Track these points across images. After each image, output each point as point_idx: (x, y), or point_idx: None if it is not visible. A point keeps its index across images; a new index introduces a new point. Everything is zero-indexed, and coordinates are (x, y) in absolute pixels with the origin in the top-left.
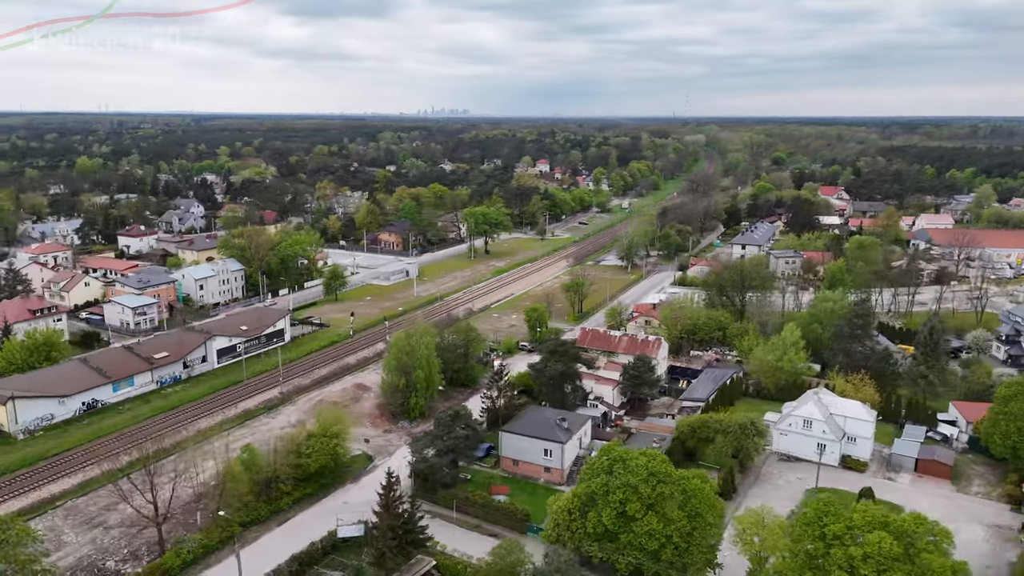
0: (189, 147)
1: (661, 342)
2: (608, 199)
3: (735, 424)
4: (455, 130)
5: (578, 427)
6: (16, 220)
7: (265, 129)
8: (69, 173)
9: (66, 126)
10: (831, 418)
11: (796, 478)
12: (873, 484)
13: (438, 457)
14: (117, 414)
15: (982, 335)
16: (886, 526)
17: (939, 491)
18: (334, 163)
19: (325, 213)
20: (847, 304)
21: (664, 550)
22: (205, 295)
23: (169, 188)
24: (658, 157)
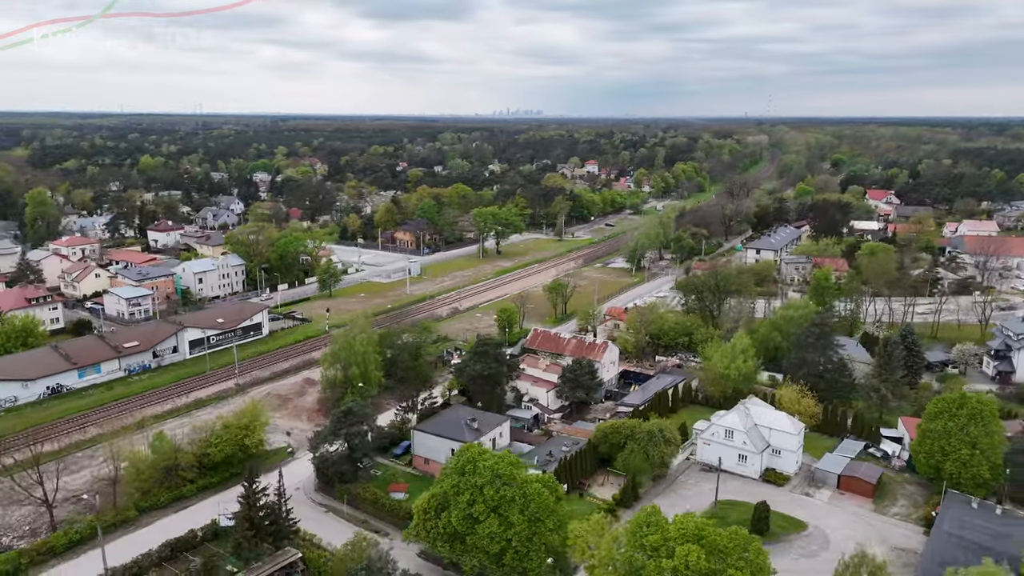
0: (252, 147)
1: (608, 346)
2: (645, 200)
3: (643, 431)
4: (517, 131)
5: (490, 428)
6: (59, 214)
7: (332, 129)
8: (130, 171)
9: (153, 126)
10: (754, 429)
11: (709, 488)
12: (787, 499)
13: (334, 452)
14: (79, 399)
15: (968, 349)
16: (700, 540)
17: (854, 509)
18: (381, 163)
19: (350, 211)
20: (810, 313)
21: (505, 554)
22: (204, 288)
23: (215, 186)
24: (709, 158)
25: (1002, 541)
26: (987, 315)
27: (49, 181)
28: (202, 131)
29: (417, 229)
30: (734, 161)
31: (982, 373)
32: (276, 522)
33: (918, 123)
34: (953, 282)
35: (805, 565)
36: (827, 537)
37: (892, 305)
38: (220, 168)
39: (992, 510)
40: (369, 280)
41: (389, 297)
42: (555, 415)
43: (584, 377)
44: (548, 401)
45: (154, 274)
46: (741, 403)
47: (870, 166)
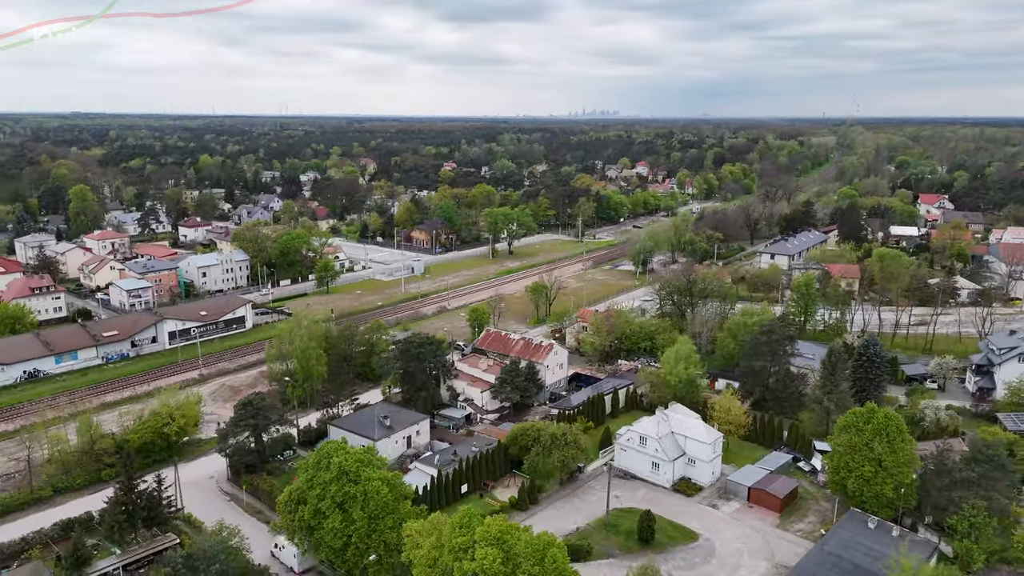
0: (311, 147)
1: (553, 348)
2: (684, 203)
3: (548, 434)
4: (579, 131)
5: (404, 426)
6: (100, 210)
7: (395, 130)
8: (187, 170)
9: (234, 127)
10: (668, 437)
11: (616, 495)
12: (691, 510)
13: (240, 443)
14: (52, 383)
15: (948, 363)
16: (501, 543)
17: (756, 523)
18: (428, 164)
19: (373, 211)
20: (767, 319)
21: (347, 549)
22: (208, 283)
23: (260, 184)
24: (763, 160)
25: (884, 563)
26: (988, 327)
27: (109, 178)
28: (273, 132)
29: (432, 228)
30: (792, 163)
31: (964, 389)
32: (153, 508)
33: (1014, 123)
34: (973, 292)
35: (693, 567)
36: (714, 550)
37: (883, 314)
38: (275, 167)
39: (889, 531)
40: (373, 278)
41: (384, 295)
42: (490, 415)
43: (519, 379)
44: (483, 401)
45: (158, 267)
46: (659, 410)
47: (936, 168)
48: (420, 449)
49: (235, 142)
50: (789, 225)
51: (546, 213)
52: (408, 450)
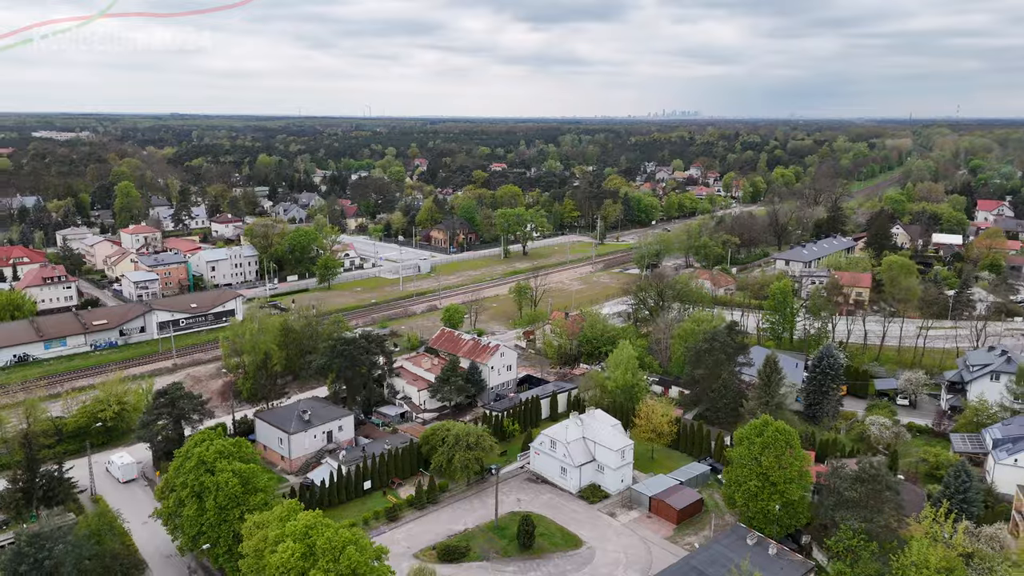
0: (368, 147)
1: (499, 349)
2: (725, 205)
3: (452, 434)
4: (642, 132)
5: (324, 421)
6: (143, 205)
7: (458, 131)
8: (247, 169)
9: (310, 128)
10: (578, 442)
11: (518, 499)
12: (586, 516)
13: (157, 429)
14: (39, 367)
15: (918, 378)
16: (306, 538)
17: (649, 533)
18: (472, 164)
19: (394, 210)
20: (717, 326)
21: (200, 538)
22: (217, 276)
23: (304, 183)
24: (823, 162)
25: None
26: (981, 343)
27: (168, 176)
28: (342, 133)
29: (450, 228)
30: (856, 166)
31: (938, 406)
32: (53, 488)
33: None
34: (991, 305)
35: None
36: (593, 558)
37: (868, 326)
38: (328, 167)
39: (766, 549)
40: (379, 275)
41: (383, 292)
42: (429, 414)
43: (457, 379)
44: (421, 400)
45: (168, 261)
46: (573, 415)
47: (1013, 173)
48: (340, 444)
49: (301, 143)
50: (821, 230)
51: (570, 214)
52: (328, 445)
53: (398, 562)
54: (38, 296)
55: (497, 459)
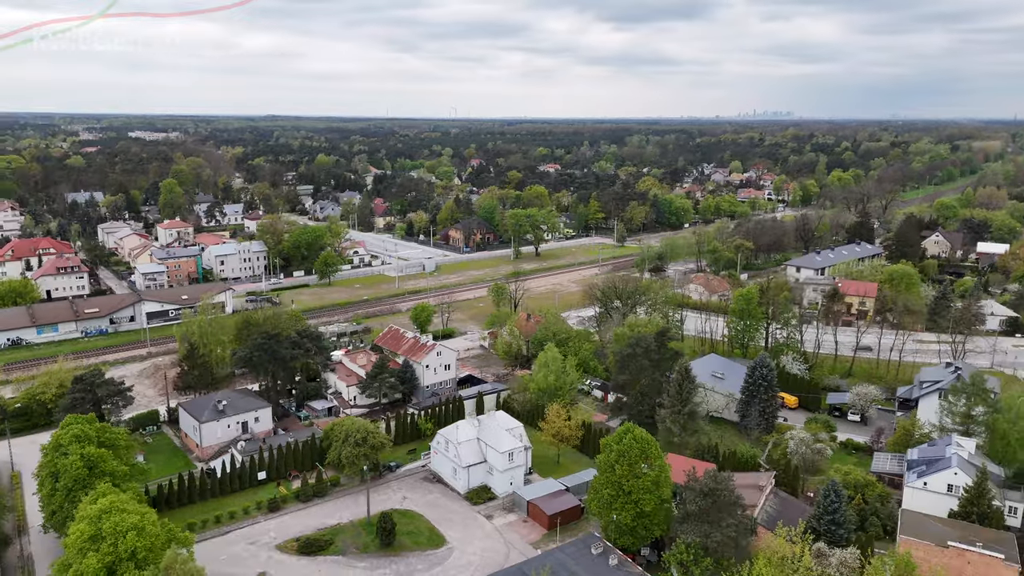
0: (429, 148)
1: (435, 347)
2: (770, 208)
3: (343, 431)
4: (719, 132)
5: (239, 412)
6: (185, 201)
7: (527, 132)
8: (303, 168)
9: (389, 129)
10: (470, 443)
11: (404, 497)
12: (461, 517)
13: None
14: (30, 351)
15: (869, 393)
16: (97, 521)
17: (516, 537)
18: (519, 165)
19: (417, 208)
20: (654, 331)
21: (54, 516)
22: (225, 270)
23: (350, 182)
24: (891, 165)
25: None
26: (959, 357)
27: (228, 173)
28: (414, 134)
29: (467, 228)
30: (930, 170)
31: (889, 423)
32: None
33: None
34: (1004, 320)
35: (403, 574)
36: (449, 558)
37: (840, 337)
38: (385, 167)
39: (607, 558)
40: (383, 273)
41: (379, 289)
42: (358, 410)
43: (383, 375)
44: (350, 395)
45: (179, 254)
46: (469, 416)
47: None
48: (255, 435)
49: (369, 143)
50: (851, 236)
51: (595, 216)
52: (243, 435)
53: (257, 552)
54: (52, 284)
55: (405, 457)
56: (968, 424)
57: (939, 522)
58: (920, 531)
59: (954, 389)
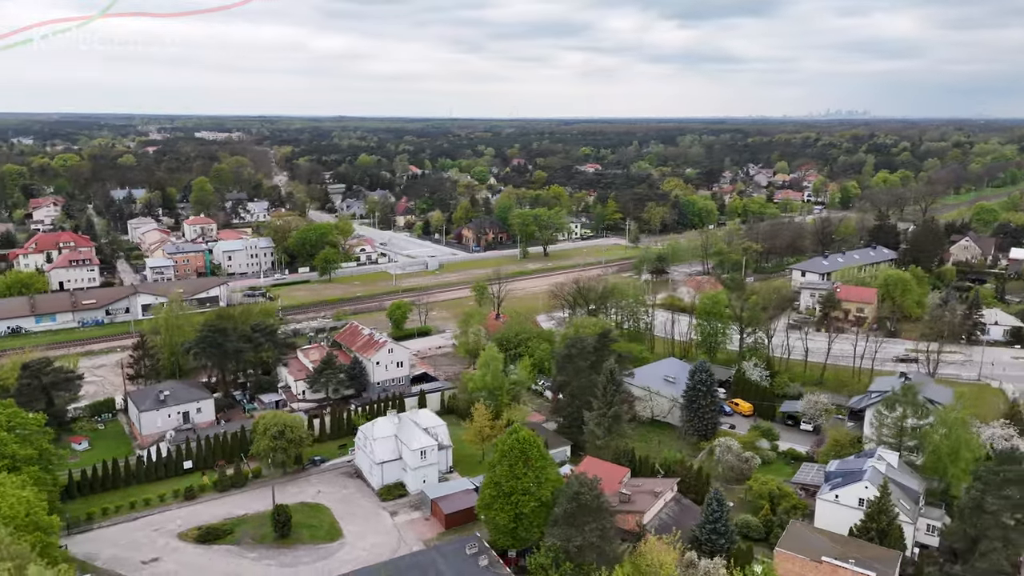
0: (473, 148)
1: (386, 344)
2: (806, 211)
3: (263, 425)
4: (776, 131)
5: (180, 402)
6: (215, 198)
7: (576, 132)
8: (344, 168)
9: (445, 129)
10: (386, 440)
11: (317, 491)
12: (366, 512)
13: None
14: (27, 339)
15: (820, 402)
16: None
17: (412, 535)
18: (557, 165)
19: (433, 207)
20: (599, 331)
21: None
22: (233, 265)
23: (379, 181)
24: (944, 167)
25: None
26: (933, 369)
27: (270, 171)
28: (465, 134)
29: (479, 227)
30: (989, 171)
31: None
32: None
33: None
34: (1008, 329)
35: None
36: (337, 553)
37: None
38: (426, 166)
39: (478, 558)
40: (386, 271)
41: (376, 287)
42: (307, 404)
43: (329, 371)
44: (299, 389)
45: (187, 250)
46: (390, 412)
47: None
48: (196, 425)
49: (417, 143)
50: (870, 240)
51: (612, 216)
52: (184, 424)
53: (157, 538)
54: (64, 276)
55: (336, 451)
56: (901, 437)
57: (826, 536)
58: (801, 544)
59: (886, 400)
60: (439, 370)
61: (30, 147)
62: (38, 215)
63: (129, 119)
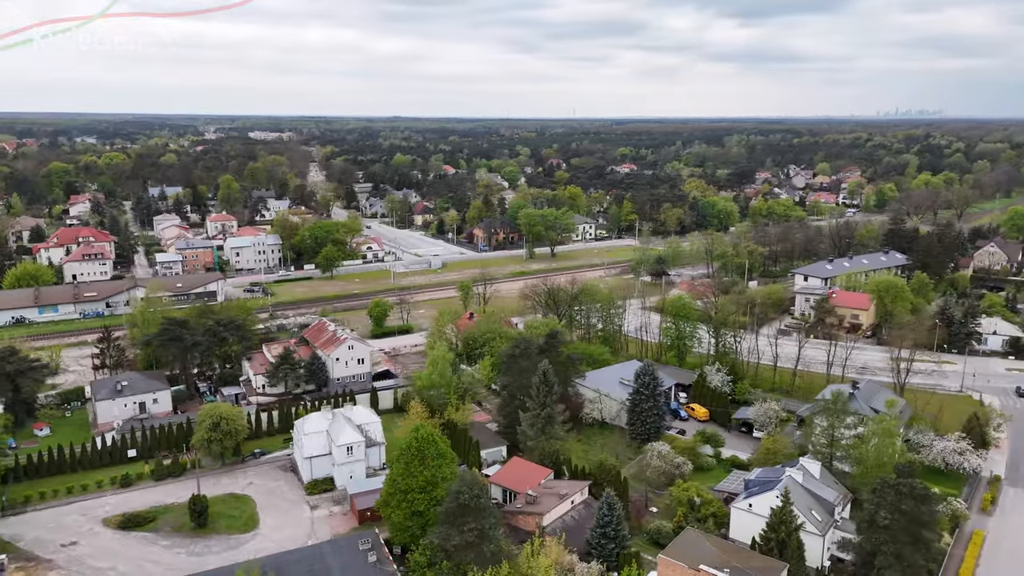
0: (509, 148)
1: (346, 341)
2: (834, 214)
3: (200, 418)
4: (833, 131)
5: (137, 392)
6: (241, 195)
7: (621, 132)
8: (379, 167)
9: (489, 128)
10: (317, 435)
11: (249, 482)
12: (288, 505)
13: None
14: (29, 328)
15: (771, 409)
16: None
17: (324, 529)
18: (589, 165)
19: (450, 207)
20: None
21: None
22: (241, 261)
23: (406, 180)
24: (995, 169)
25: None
26: (903, 379)
27: (304, 171)
28: (512, 133)
29: (489, 227)
30: None
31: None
32: None
33: None
34: (1007, 339)
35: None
36: (250, 542)
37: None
38: (461, 166)
39: (367, 555)
40: (390, 269)
41: (374, 284)
42: (267, 398)
43: (284, 366)
44: (258, 383)
45: (197, 246)
46: (325, 408)
47: None
48: (152, 415)
49: (455, 143)
50: (885, 245)
51: (627, 217)
52: (141, 414)
53: (83, 523)
54: (77, 269)
55: (280, 444)
56: (831, 447)
57: (718, 545)
58: (686, 552)
59: (817, 409)
60: (409, 368)
61: (87, 145)
62: (74, 211)
63: (193, 119)
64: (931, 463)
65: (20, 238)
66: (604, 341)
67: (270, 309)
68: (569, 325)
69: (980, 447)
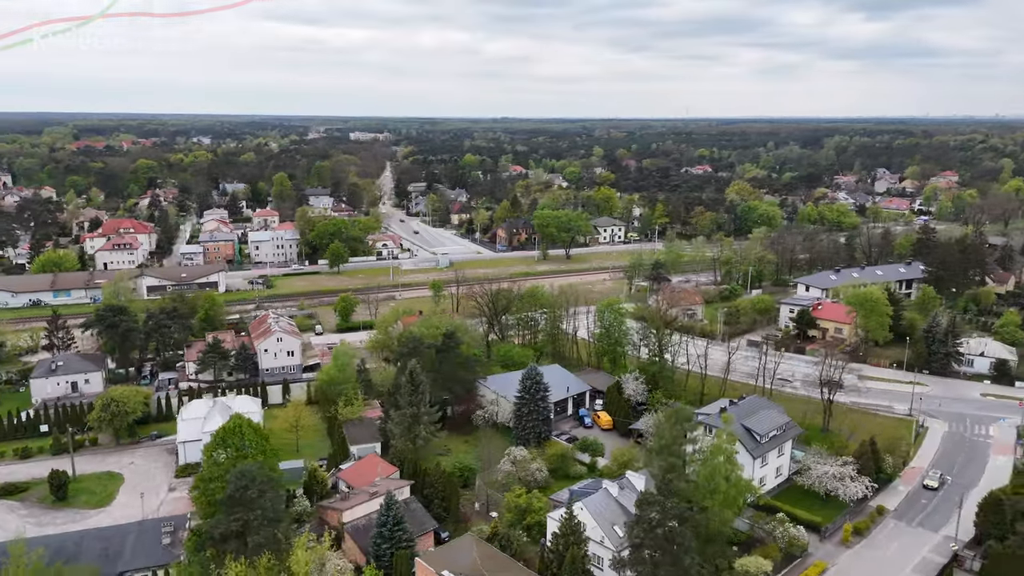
0: (583, 148)
1: (275, 333)
2: (906, 220)
3: (99, 399)
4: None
5: (70, 372)
6: (292, 193)
7: (716, 133)
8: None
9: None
10: (194, 421)
11: (130, 462)
12: (155, 485)
13: None
14: (41, 309)
15: (659, 420)
16: None
17: (167, 508)
18: (657, 166)
19: (479, 209)
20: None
21: None
22: (260, 255)
23: (459, 179)
24: None
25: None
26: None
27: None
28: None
29: (511, 227)
30: None
31: None
32: None
33: None
34: (993, 362)
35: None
36: (94, 517)
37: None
38: (530, 166)
39: (164, 536)
40: (398, 266)
41: (375, 280)
42: (199, 384)
43: (211, 355)
44: (190, 370)
45: (219, 238)
46: (206, 395)
47: None
48: (84, 395)
49: (531, 144)
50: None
51: (659, 220)
52: (72, 393)
53: None
54: (108, 258)
55: None
56: (671, 462)
57: (482, 555)
58: (446, 558)
59: (657, 424)
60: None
61: (192, 144)
62: (142, 204)
63: (309, 120)
64: (809, 488)
65: (83, 227)
66: (550, 345)
67: (257, 300)
68: (500, 328)
69: (873, 475)
